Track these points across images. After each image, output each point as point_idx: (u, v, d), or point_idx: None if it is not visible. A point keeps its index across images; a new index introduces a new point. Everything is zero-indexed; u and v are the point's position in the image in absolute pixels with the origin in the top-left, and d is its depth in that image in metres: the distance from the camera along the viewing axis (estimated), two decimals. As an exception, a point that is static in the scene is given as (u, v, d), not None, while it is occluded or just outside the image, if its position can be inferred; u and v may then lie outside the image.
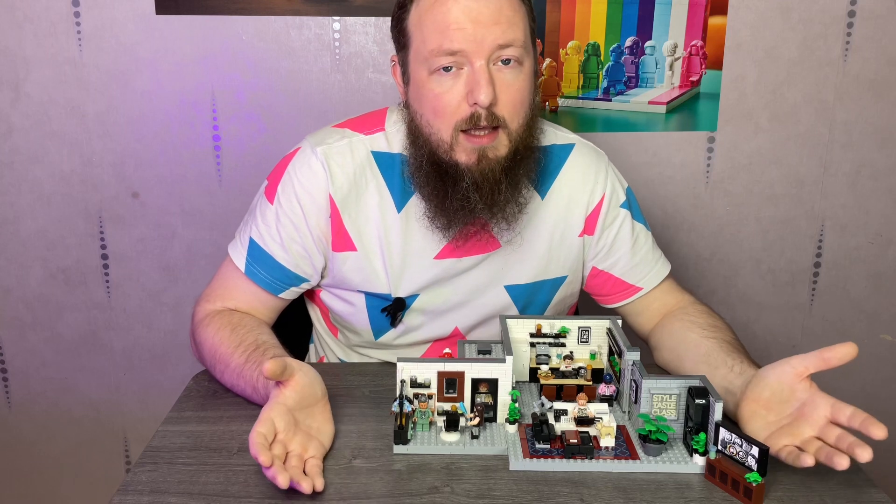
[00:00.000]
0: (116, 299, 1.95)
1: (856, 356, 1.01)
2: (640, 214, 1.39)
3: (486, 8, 1.13)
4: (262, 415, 0.99)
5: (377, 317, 1.32)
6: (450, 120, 1.17)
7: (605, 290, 1.39)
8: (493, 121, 1.15)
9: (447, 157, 1.19)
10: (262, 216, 1.29)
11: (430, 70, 1.16)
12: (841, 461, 0.94)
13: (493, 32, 1.13)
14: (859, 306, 2.03)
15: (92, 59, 1.79)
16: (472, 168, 1.18)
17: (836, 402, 1.00)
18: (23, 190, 1.87)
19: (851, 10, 1.83)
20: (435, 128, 1.19)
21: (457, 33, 1.13)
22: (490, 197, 1.19)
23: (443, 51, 1.14)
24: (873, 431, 0.95)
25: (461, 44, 1.13)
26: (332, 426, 1.08)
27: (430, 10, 1.15)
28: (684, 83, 1.85)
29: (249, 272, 1.29)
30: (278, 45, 1.80)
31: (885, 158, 1.94)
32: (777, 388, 1.04)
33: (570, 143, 1.35)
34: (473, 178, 1.18)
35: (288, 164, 1.29)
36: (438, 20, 1.14)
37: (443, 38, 1.13)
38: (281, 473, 0.92)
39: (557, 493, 0.98)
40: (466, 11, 1.13)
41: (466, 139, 1.17)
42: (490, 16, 1.13)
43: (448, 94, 1.16)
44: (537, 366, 1.23)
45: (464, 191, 1.19)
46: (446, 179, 1.20)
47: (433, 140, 1.19)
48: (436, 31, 1.14)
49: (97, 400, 2.02)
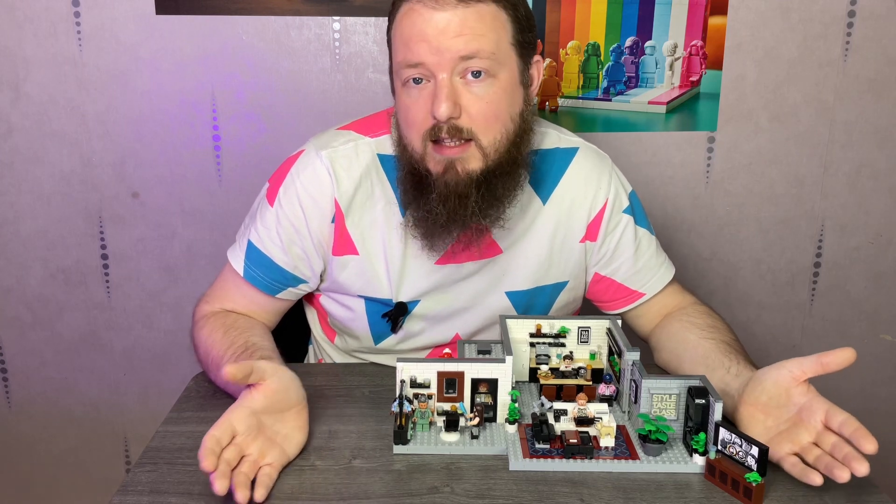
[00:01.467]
0: (116, 299, 1.95)
1: (854, 361, 0.99)
2: (644, 219, 1.38)
3: (449, 21, 1.11)
4: (223, 416, 0.98)
5: (377, 322, 1.32)
6: (419, 131, 1.16)
7: (607, 295, 1.38)
8: (455, 133, 1.14)
9: (420, 166, 1.19)
10: (261, 219, 1.28)
11: (402, 81, 1.17)
12: (841, 474, 0.94)
13: (456, 44, 1.11)
14: (859, 306, 2.03)
15: (92, 59, 1.79)
16: (439, 179, 1.17)
17: (831, 407, 0.99)
18: (23, 190, 1.87)
19: (851, 10, 1.83)
20: (408, 138, 1.19)
21: (418, 45, 1.12)
22: (455, 210, 1.17)
23: (406, 62, 1.14)
24: (864, 444, 0.94)
25: (421, 56, 1.12)
26: (304, 434, 1.06)
27: (399, 23, 1.15)
28: (684, 83, 1.85)
29: (247, 275, 1.29)
30: (278, 45, 1.80)
31: (885, 158, 1.94)
32: (774, 392, 1.03)
33: (574, 147, 1.34)
34: (439, 190, 1.17)
35: (291, 167, 1.27)
36: (405, 32, 1.14)
37: (406, 51, 1.13)
38: (219, 479, 0.90)
39: (557, 493, 0.98)
40: (430, 24, 1.12)
41: (435, 149, 1.16)
42: (453, 29, 1.11)
43: (415, 105, 1.16)
44: (537, 366, 1.23)
45: (431, 201, 1.18)
46: (420, 188, 1.19)
47: (409, 149, 1.19)
48: (402, 43, 1.14)
49: (97, 400, 2.02)
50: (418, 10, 1.12)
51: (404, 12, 1.14)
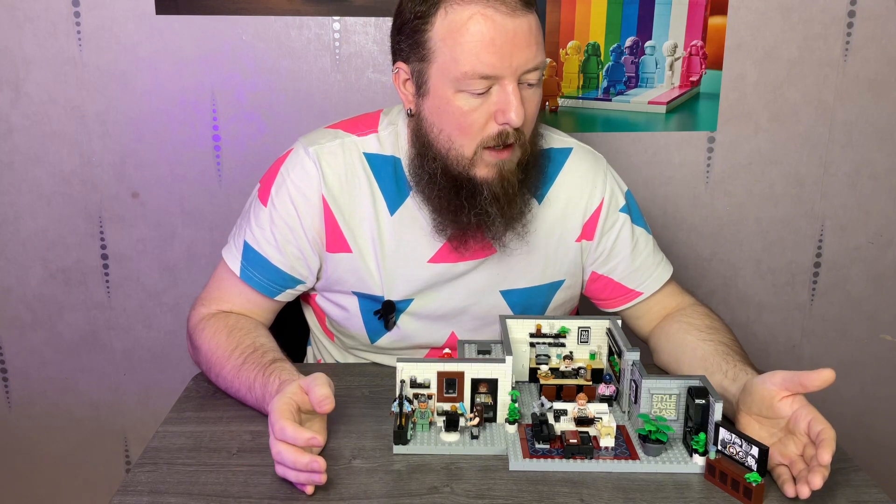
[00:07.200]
0: (116, 299, 1.95)
1: (833, 382, 0.99)
2: (640, 218, 1.38)
3: (520, 29, 1.12)
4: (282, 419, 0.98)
5: (371, 320, 1.32)
6: (475, 137, 1.16)
7: (604, 294, 1.38)
8: (519, 139, 1.17)
9: (466, 171, 1.19)
10: (255, 219, 1.29)
11: (458, 88, 1.14)
12: (801, 489, 0.95)
13: (526, 55, 1.13)
14: (859, 306, 2.03)
15: (92, 59, 1.79)
16: (492, 181, 1.19)
17: (815, 417, 0.99)
18: (23, 190, 1.87)
19: (851, 10, 1.83)
20: (457, 143, 1.18)
21: (492, 56, 1.11)
22: (507, 208, 1.20)
23: (478, 74, 1.12)
24: (820, 454, 0.94)
25: (497, 69, 1.12)
26: (325, 435, 1.08)
27: (462, 29, 1.12)
28: (684, 83, 1.85)
29: (245, 276, 1.29)
30: (278, 45, 1.80)
31: (885, 158, 1.94)
32: (761, 404, 1.03)
33: (568, 147, 1.35)
34: (493, 192, 1.19)
35: (281, 167, 1.28)
36: (474, 40, 1.11)
37: (478, 62, 1.11)
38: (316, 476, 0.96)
39: (557, 493, 0.98)
40: (503, 32, 1.11)
41: (490, 154, 1.17)
42: (524, 38, 1.12)
43: (476, 112, 1.15)
44: (537, 366, 1.23)
45: (481, 204, 1.19)
46: (461, 193, 1.19)
47: (452, 155, 1.18)
48: (470, 52, 1.11)
49: (97, 400, 2.02)
50: (490, 16, 1.11)
51: (468, 17, 1.11)
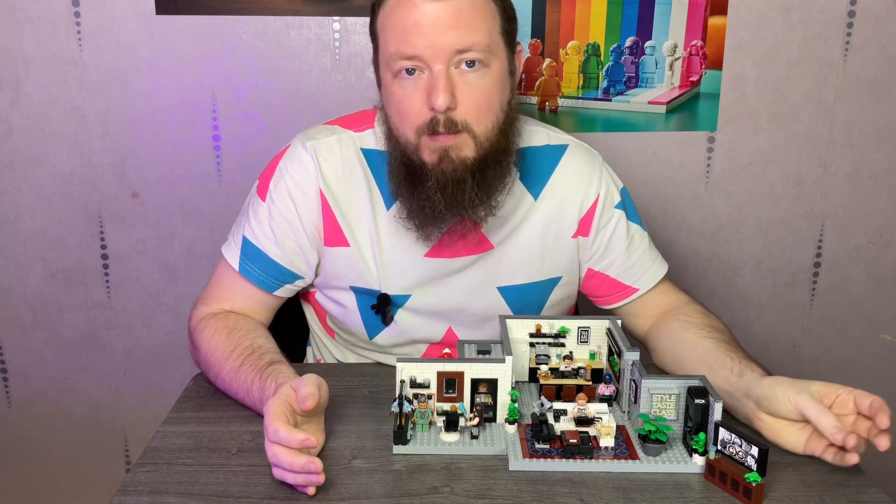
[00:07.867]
0: (116, 299, 1.95)
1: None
2: (635, 215, 1.39)
3: (444, 12, 1.12)
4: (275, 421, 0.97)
5: (369, 316, 1.32)
6: (412, 123, 1.17)
7: (601, 290, 1.38)
8: (451, 126, 1.15)
9: (415, 157, 1.19)
10: (254, 214, 1.30)
11: (392, 73, 1.17)
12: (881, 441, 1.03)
13: (451, 37, 1.12)
14: (859, 306, 2.03)
15: (92, 59, 1.79)
16: (436, 168, 1.18)
17: (857, 393, 1.07)
18: (23, 190, 1.87)
19: (851, 10, 1.83)
20: (400, 130, 1.19)
21: (414, 38, 1.12)
22: (453, 197, 1.18)
23: (400, 55, 1.14)
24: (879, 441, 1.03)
25: (418, 48, 1.13)
26: (324, 436, 1.08)
27: (391, 14, 1.15)
28: (684, 83, 1.85)
29: (244, 270, 1.29)
30: (278, 45, 1.80)
31: (885, 158, 1.93)
32: (790, 413, 1.06)
33: (564, 144, 1.35)
34: (437, 178, 1.18)
35: (279, 161, 1.30)
36: (398, 24, 1.14)
37: (400, 43, 1.13)
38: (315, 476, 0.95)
39: (557, 493, 0.98)
40: (424, 15, 1.12)
41: (429, 139, 1.17)
42: (448, 20, 1.12)
43: (409, 97, 1.16)
44: (537, 366, 1.23)
45: (427, 190, 1.18)
46: (414, 179, 1.20)
47: (402, 141, 1.20)
48: (395, 34, 1.14)
49: (97, 400, 2.02)
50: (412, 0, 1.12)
51: (395, 2, 1.14)
